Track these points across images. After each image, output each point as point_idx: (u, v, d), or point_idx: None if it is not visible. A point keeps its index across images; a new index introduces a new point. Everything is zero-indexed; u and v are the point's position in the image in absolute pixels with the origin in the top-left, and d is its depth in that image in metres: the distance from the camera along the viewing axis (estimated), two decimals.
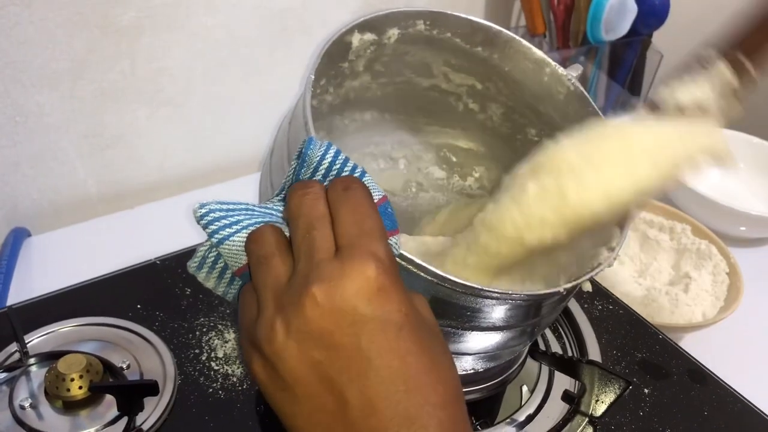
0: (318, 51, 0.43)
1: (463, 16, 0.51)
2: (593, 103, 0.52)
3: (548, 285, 0.50)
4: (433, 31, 0.51)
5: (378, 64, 0.53)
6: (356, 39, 0.47)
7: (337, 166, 0.35)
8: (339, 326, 0.30)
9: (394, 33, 0.49)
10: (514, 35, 0.52)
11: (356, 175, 0.35)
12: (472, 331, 0.44)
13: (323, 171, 0.35)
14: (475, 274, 0.46)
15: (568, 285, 0.43)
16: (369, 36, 0.48)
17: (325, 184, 0.35)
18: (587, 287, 0.51)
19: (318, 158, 0.35)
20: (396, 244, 0.35)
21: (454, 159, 0.64)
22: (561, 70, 0.53)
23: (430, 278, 0.38)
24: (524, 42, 0.52)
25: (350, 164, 0.35)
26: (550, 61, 0.53)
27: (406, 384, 0.30)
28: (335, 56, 0.48)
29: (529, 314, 0.47)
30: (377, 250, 0.31)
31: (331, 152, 0.35)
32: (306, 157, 0.35)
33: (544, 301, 0.46)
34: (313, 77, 0.42)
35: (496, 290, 0.41)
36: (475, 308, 0.42)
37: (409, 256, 0.37)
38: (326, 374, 0.30)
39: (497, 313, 0.44)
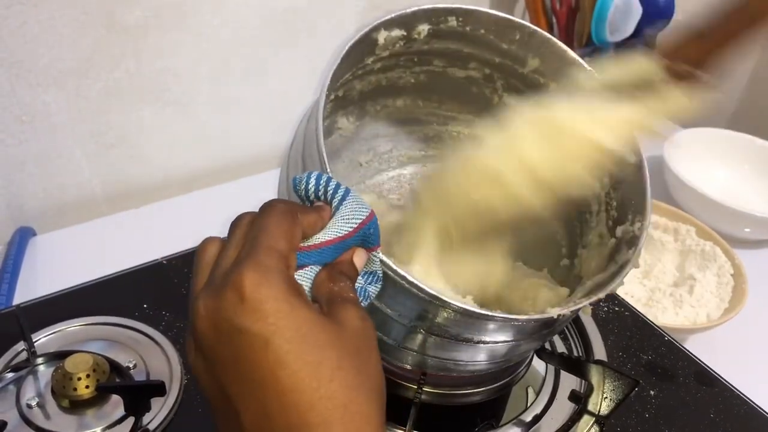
0: (337, 53, 0.43)
1: (497, 13, 0.50)
2: None
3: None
4: (466, 27, 0.50)
5: (410, 55, 0.53)
6: (382, 36, 0.47)
7: (321, 189, 0.36)
8: (219, 340, 0.30)
9: (424, 28, 0.49)
10: (550, 36, 0.52)
11: (340, 193, 0.36)
12: (479, 344, 0.45)
13: (312, 195, 0.37)
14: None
15: (575, 307, 0.44)
16: (397, 32, 0.48)
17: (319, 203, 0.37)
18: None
19: (303, 189, 0.37)
20: (375, 257, 0.37)
21: None
22: (596, 75, 0.51)
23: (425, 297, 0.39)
24: (559, 43, 0.52)
25: (333, 184, 0.36)
26: (585, 65, 0.52)
27: (280, 401, 0.29)
28: (360, 53, 0.48)
29: (542, 329, 0.47)
30: (258, 264, 0.30)
31: (312, 179, 0.37)
32: (296, 191, 0.37)
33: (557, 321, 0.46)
34: (326, 93, 0.42)
35: (503, 315, 0.41)
36: (481, 329, 0.43)
37: (401, 272, 0.38)
38: (224, 387, 0.31)
39: (507, 332, 0.44)
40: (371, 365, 0.32)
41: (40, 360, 0.59)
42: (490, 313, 0.40)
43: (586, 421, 0.57)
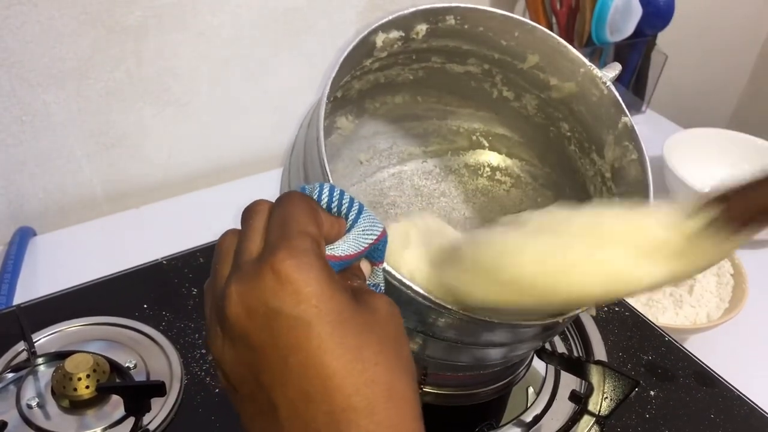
0: (336, 59, 0.43)
1: (496, 11, 0.50)
2: (626, 110, 0.51)
3: None
4: (464, 26, 0.50)
5: (408, 53, 0.52)
6: (380, 39, 0.47)
7: (335, 202, 0.35)
8: (255, 325, 0.29)
9: (422, 28, 0.49)
10: (550, 32, 0.51)
11: (355, 208, 0.35)
12: (481, 347, 0.45)
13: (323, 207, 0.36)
14: None
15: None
16: (395, 33, 0.47)
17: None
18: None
19: (315, 200, 0.36)
20: (378, 271, 0.37)
21: (486, 143, 0.64)
22: (596, 71, 0.51)
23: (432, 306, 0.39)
24: (560, 40, 0.51)
25: (347, 198, 0.35)
26: (586, 61, 0.52)
27: (324, 384, 0.29)
28: (358, 56, 0.47)
29: (544, 331, 0.47)
30: (294, 247, 0.30)
31: (326, 191, 0.35)
32: None
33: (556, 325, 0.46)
34: (326, 100, 0.42)
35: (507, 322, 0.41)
36: (481, 332, 0.43)
37: (407, 281, 0.38)
38: (257, 375, 0.30)
39: (510, 335, 0.44)
40: (405, 349, 0.32)
41: (40, 360, 0.59)
42: (495, 320, 0.40)
43: (587, 421, 0.57)
